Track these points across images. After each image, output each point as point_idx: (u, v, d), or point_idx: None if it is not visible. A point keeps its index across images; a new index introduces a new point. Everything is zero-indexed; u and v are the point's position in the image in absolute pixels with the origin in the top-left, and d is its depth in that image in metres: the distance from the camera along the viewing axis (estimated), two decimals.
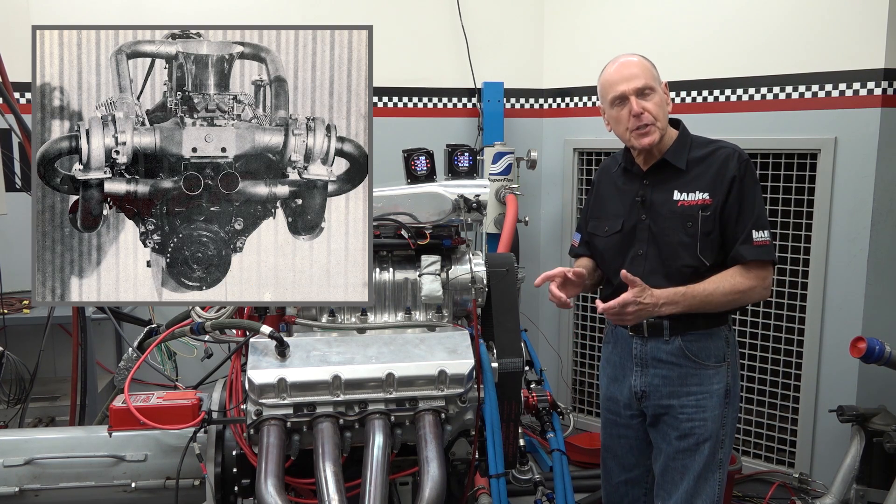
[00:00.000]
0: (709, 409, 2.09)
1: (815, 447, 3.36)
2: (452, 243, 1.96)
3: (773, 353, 3.46)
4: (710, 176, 2.06)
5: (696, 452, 2.09)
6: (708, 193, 2.05)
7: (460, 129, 4.17)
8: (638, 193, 2.15)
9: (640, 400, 2.17)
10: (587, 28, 4.00)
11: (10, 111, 2.73)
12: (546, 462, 2.40)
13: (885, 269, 3.19)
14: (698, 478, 2.08)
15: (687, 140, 2.15)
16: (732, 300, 2.04)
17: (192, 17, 3.87)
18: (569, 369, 4.24)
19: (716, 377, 2.10)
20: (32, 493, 1.84)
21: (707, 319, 2.09)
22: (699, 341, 2.10)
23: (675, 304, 2.01)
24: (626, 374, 2.20)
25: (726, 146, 2.11)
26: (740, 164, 2.05)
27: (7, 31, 3.50)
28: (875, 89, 3.06)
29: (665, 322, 2.10)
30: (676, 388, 2.11)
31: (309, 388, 1.67)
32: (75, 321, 2.89)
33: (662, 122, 2.09)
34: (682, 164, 2.10)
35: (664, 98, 2.11)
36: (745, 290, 2.03)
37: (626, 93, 2.07)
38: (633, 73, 2.08)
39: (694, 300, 2.01)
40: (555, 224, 4.24)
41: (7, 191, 3.00)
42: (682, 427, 2.10)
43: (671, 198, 2.09)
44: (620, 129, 2.13)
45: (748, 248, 2.03)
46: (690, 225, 2.05)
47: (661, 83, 2.12)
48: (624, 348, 2.20)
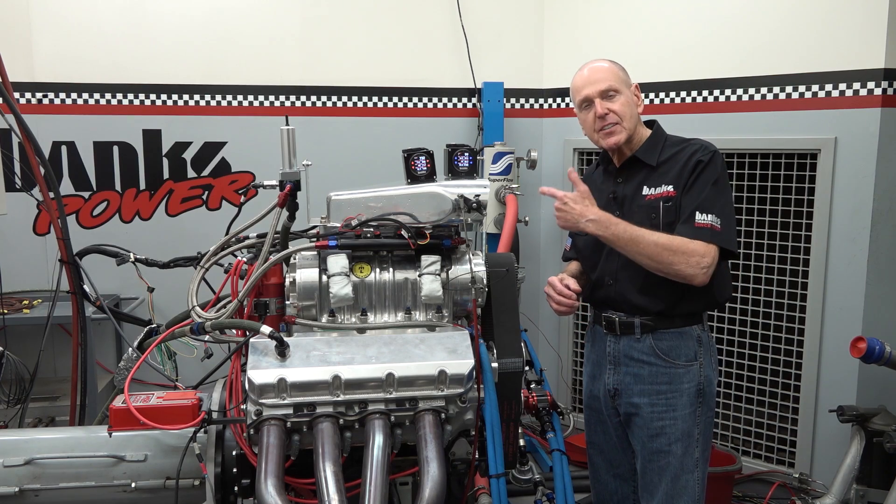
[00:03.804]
0: (679, 407, 2.12)
1: (815, 447, 3.37)
2: (452, 243, 1.96)
3: (774, 353, 3.46)
4: (677, 170, 2.11)
5: (670, 453, 2.11)
6: (672, 186, 2.10)
7: (460, 129, 4.17)
8: (611, 191, 2.22)
9: (614, 398, 2.21)
10: (587, 28, 4.00)
11: (10, 111, 2.73)
12: (546, 462, 2.40)
13: (885, 269, 3.19)
14: (676, 479, 2.11)
15: (660, 139, 2.20)
16: (659, 255, 2.00)
17: (193, 17, 3.88)
18: (569, 369, 4.24)
19: (686, 376, 2.12)
20: (32, 493, 1.84)
21: (680, 318, 2.12)
22: (670, 340, 2.13)
23: (603, 225, 2.04)
24: (601, 372, 2.24)
25: (697, 142, 2.15)
26: (705, 153, 2.09)
27: (7, 31, 3.50)
28: (875, 89, 3.06)
29: (636, 320, 2.14)
30: (646, 386, 2.14)
31: (309, 388, 1.67)
32: (75, 321, 2.89)
33: (629, 121, 2.14)
34: (652, 161, 2.15)
35: (632, 99, 2.17)
36: (676, 251, 1.99)
37: (591, 96, 2.15)
38: (598, 77, 2.16)
39: (624, 233, 2.03)
40: (555, 224, 4.21)
41: (7, 191, 3.01)
42: (652, 427, 2.13)
43: (640, 193, 2.15)
44: (589, 131, 2.21)
45: (687, 227, 2.04)
46: (654, 217, 2.10)
47: (629, 86, 2.18)
48: (600, 346, 2.25)
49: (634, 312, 2.15)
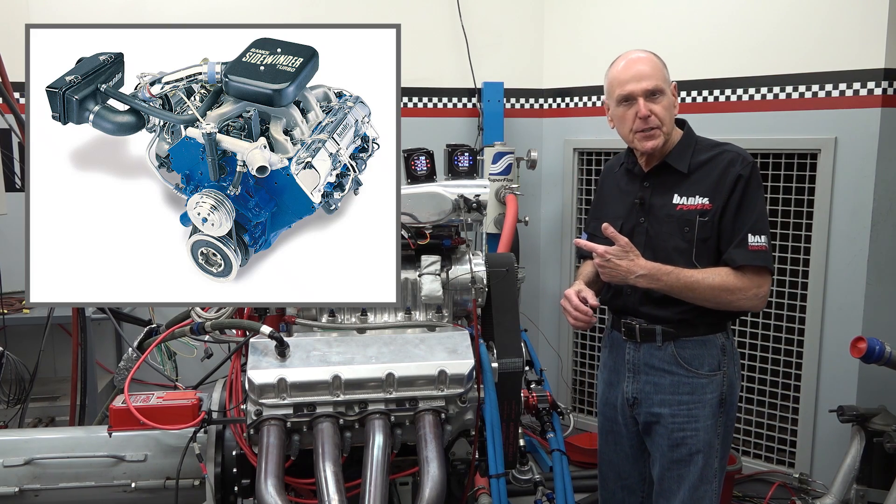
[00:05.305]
0: (701, 419, 2.04)
1: (815, 447, 3.37)
2: (452, 243, 1.96)
3: (774, 354, 3.46)
4: (712, 180, 2.01)
5: (690, 463, 2.05)
6: (708, 198, 2.00)
7: (460, 129, 4.17)
8: (637, 196, 2.11)
9: (632, 407, 2.14)
10: (587, 28, 4.00)
11: (10, 111, 2.73)
12: (546, 462, 2.41)
13: (885, 269, 3.19)
14: (694, 489, 2.05)
15: (691, 142, 2.09)
16: (717, 297, 1.96)
17: (193, 17, 3.87)
18: (569, 369, 4.24)
19: (709, 386, 2.05)
20: (32, 493, 1.84)
21: (703, 326, 2.04)
22: (692, 349, 2.05)
23: (654, 279, 1.96)
24: (619, 380, 2.17)
25: (731, 150, 2.05)
26: (744, 166, 1.99)
27: (7, 31, 3.50)
28: (875, 89, 3.06)
29: (658, 328, 2.05)
30: (667, 395, 2.06)
31: (309, 388, 1.67)
32: (75, 321, 2.89)
33: (668, 126, 2.03)
34: (683, 167, 2.04)
35: (672, 100, 2.05)
36: (734, 290, 1.95)
37: (635, 93, 2.00)
38: (643, 73, 2.00)
39: (677, 282, 1.95)
40: (555, 224, 4.24)
41: (7, 191, 3.01)
42: (673, 437, 2.06)
43: (670, 201, 2.04)
44: (624, 130, 2.07)
45: (741, 251, 1.96)
46: (688, 230, 2.01)
47: (670, 84, 2.05)
48: (618, 353, 2.17)
49: (656, 320, 2.06)
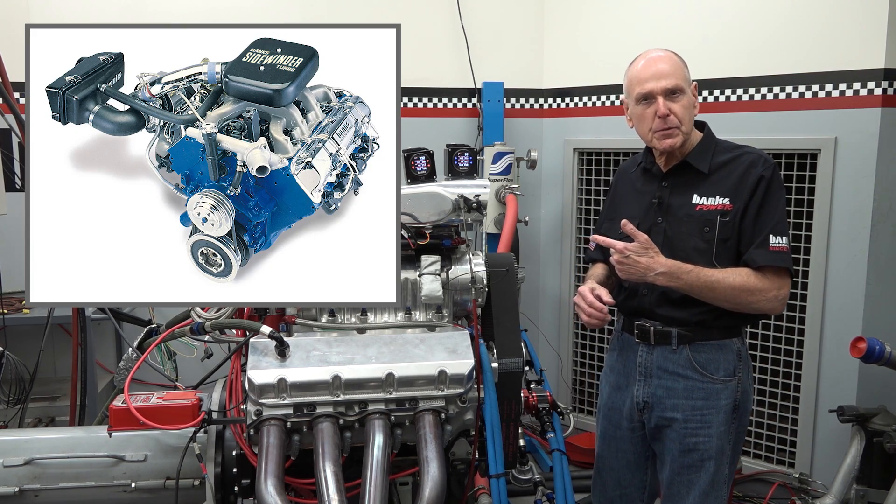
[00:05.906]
0: (714, 424, 2.01)
1: (815, 447, 3.36)
2: (452, 243, 1.96)
3: (774, 354, 3.46)
4: (733, 181, 1.99)
5: (701, 469, 2.02)
6: (729, 199, 1.98)
7: (460, 129, 4.17)
8: (655, 195, 2.08)
9: (642, 411, 2.10)
10: (587, 28, 4.00)
11: (10, 111, 2.73)
12: (546, 462, 2.40)
13: (885, 269, 3.19)
14: (705, 495, 2.02)
15: (711, 143, 2.07)
16: (737, 298, 1.94)
17: (193, 18, 3.87)
18: (569, 369, 4.24)
19: (724, 392, 2.01)
20: (32, 493, 1.84)
21: (719, 330, 2.02)
22: (708, 353, 2.02)
23: (674, 276, 1.93)
24: (629, 384, 2.13)
25: (752, 151, 2.03)
26: (766, 168, 1.98)
27: (7, 31, 3.50)
28: (875, 89, 3.06)
29: (673, 330, 2.03)
30: (681, 400, 2.03)
31: (309, 388, 1.67)
32: (75, 321, 2.89)
33: (687, 125, 2.01)
34: (704, 167, 2.02)
35: (692, 100, 2.03)
36: (754, 291, 1.93)
37: (655, 92, 1.98)
38: (664, 72, 1.99)
39: (697, 281, 1.92)
40: (555, 224, 4.24)
41: (7, 191, 3.01)
42: (685, 442, 2.02)
43: (690, 201, 2.02)
44: (643, 129, 2.05)
45: (763, 252, 1.94)
46: (707, 230, 1.98)
47: (690, 84, 2.03)
48: (629, 356, 2.13)
49: (672, 322, 2.03)
